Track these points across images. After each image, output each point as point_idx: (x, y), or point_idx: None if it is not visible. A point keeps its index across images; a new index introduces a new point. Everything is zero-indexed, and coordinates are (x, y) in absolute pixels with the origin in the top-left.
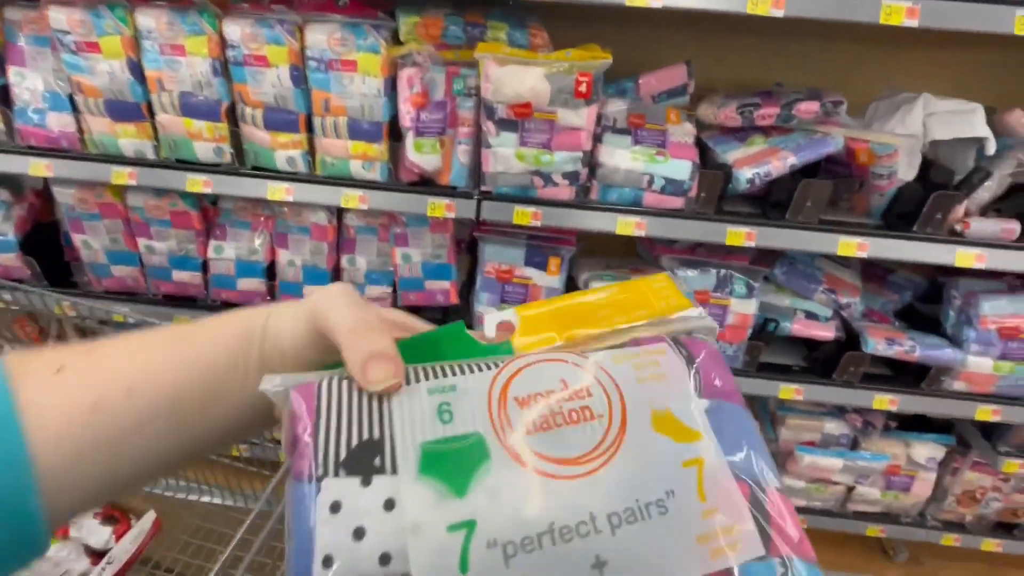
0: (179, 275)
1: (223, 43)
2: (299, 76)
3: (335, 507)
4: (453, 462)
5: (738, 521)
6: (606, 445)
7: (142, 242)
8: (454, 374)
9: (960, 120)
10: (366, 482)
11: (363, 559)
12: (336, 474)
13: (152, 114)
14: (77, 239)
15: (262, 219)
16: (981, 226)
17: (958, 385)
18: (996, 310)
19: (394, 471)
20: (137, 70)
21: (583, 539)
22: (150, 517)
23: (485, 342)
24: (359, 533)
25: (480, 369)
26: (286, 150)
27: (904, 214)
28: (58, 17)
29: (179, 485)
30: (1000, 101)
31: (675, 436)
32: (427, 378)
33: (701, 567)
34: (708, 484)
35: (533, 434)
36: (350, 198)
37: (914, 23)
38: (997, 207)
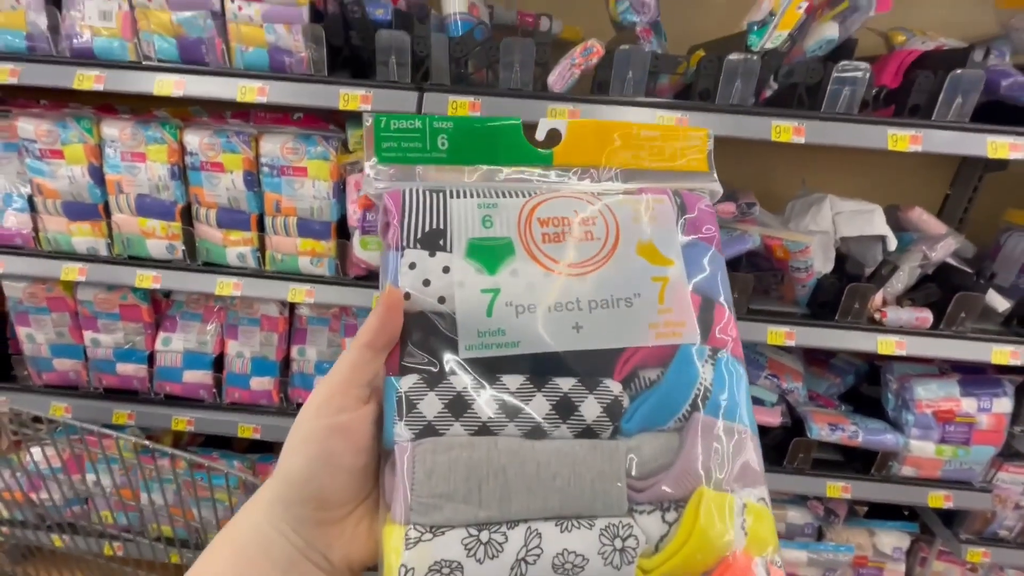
0: (123, 368)
1: (182, 150)
2: (252, 180)
3: (412, 265)
4: (489, 253)
5: (684, 319)
6: (598, 258)
7: (88, 335)
8: (498, 196)
9: (863, 219)
10: (432, 254)
11: (428, 297)
12: (414, 247)
13: (108, 213)
14: (21, 332)
15: (215, 311)
16: (897, 315)
17: (907, 470)
18: (930, 393)
19: (450, 251)
20: (97, 174)
21: (569, 312)
22: None
23: (534, 144)
24: (426, 282)
25: (517, 195)
26: (237, 247)
27: (826, 303)
28: (26, 127)
29: None
30: (903, 198)
31: (651, 260)
32: (479, 196)
33: (646, 340)
34: (668, 294)
35: (547, 243)
36: (297, 292)
37: (801, 140)
38: (911, 296)
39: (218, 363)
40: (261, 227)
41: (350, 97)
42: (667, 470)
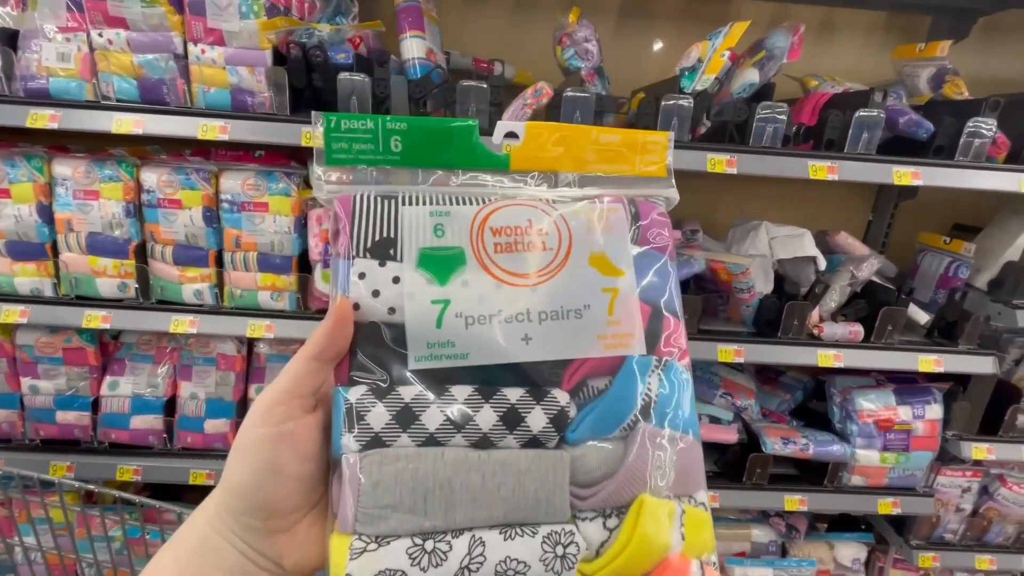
0: (64, 416)
1: (139, 188)
2: (212, 216)
3: (362, 276)
4: (440, 264)
5: (633, 331)
6: (550, 269)
7: (26, 382)
8: (450, 203)
9: (795, 242)
10: (382, 264)
11: (378, 308)
12: (364, 256)
13: (56, 253)
14: None
15: (167, 351)
16: (832, 329)
17: (856, 479)
18: (870, 404)
19: (401, 260)
20: (46, 213)
21: (519, 324)
22: None
23: (490, 148)
24: (376, 293)
25: (470, 202)
26: (194, 283)
27: (769, 321)
28: None
29: None
30: (832, 225)
31: (603, 271)
32: (431, 203)
33: (595, 352)
34: (618, 305)
35: (499, 254)
36: (257, 327)
37: (733, 171)
38: (844, 312)
39: (169, 407)
40: (219, 263)
41: (313, 135)
42: (610, 478)
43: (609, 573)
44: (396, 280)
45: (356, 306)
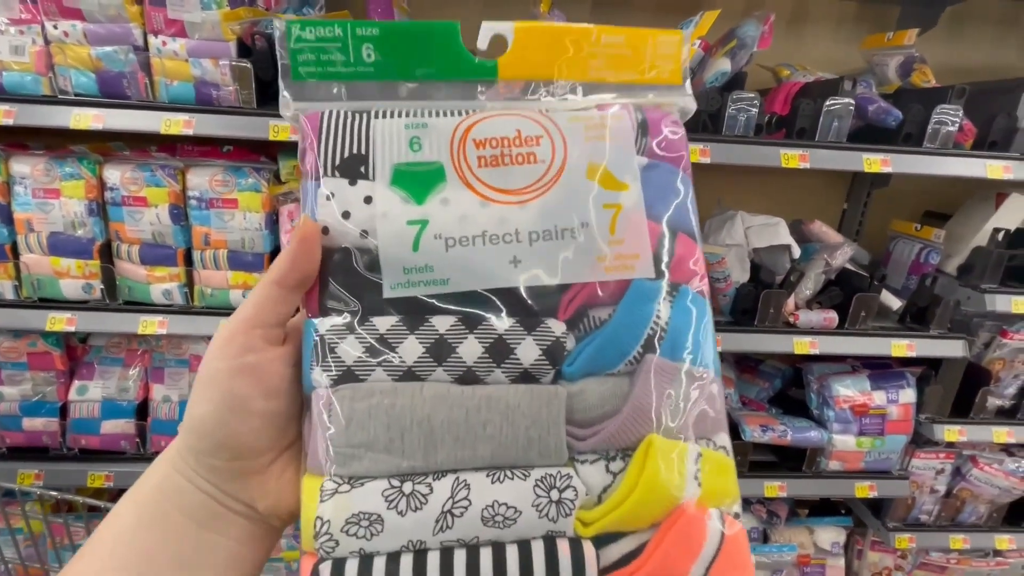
0: (31, 423)
1: (102, 186)
2: (179, 214)
3: (330, 196)
4: (416, 180)
5: (638, 251)
6: (542, 184)
7: None
8: (428, 115)
9: (770, 231)
10: (352, 183)
11: (349, 231)
12: (332, 175)
13: (16, 254)
14: None
15: (138, 354)
16: (808, 317)
17: (834, 464)
18: (846, 390)
19: (373, 179)
20: (5, 213)
21: (507, 245)
22: None
23: (475, 54)
24: (346, 215)
25: (450, 114)
26: (162, 283)
27: (745, 310)
28: None
29: None
30: (808, 215)
31: (603, 184)
32: (406, 115)
33: (594, 275)
34: (621, 223)
35: (483, 168)
36: None
37: (707, 160)
38: (818, 300)
39: (141, 410)
40: (188, 262)
41: (280, 128)
42: (614, 417)
43: (613, 521)
44: (368, 200)
45: (325, 230)
